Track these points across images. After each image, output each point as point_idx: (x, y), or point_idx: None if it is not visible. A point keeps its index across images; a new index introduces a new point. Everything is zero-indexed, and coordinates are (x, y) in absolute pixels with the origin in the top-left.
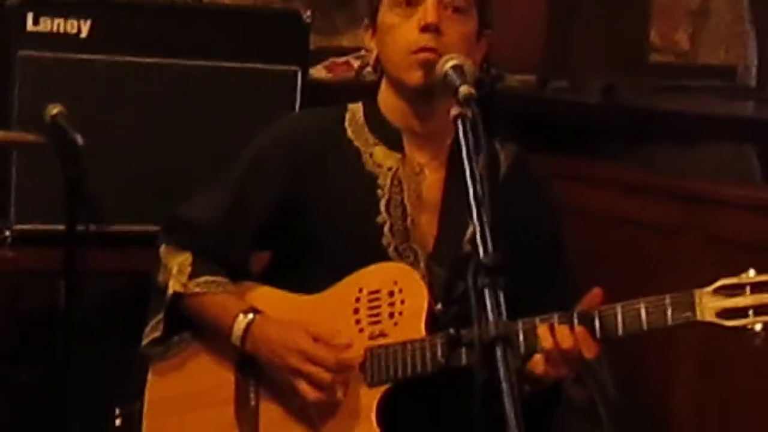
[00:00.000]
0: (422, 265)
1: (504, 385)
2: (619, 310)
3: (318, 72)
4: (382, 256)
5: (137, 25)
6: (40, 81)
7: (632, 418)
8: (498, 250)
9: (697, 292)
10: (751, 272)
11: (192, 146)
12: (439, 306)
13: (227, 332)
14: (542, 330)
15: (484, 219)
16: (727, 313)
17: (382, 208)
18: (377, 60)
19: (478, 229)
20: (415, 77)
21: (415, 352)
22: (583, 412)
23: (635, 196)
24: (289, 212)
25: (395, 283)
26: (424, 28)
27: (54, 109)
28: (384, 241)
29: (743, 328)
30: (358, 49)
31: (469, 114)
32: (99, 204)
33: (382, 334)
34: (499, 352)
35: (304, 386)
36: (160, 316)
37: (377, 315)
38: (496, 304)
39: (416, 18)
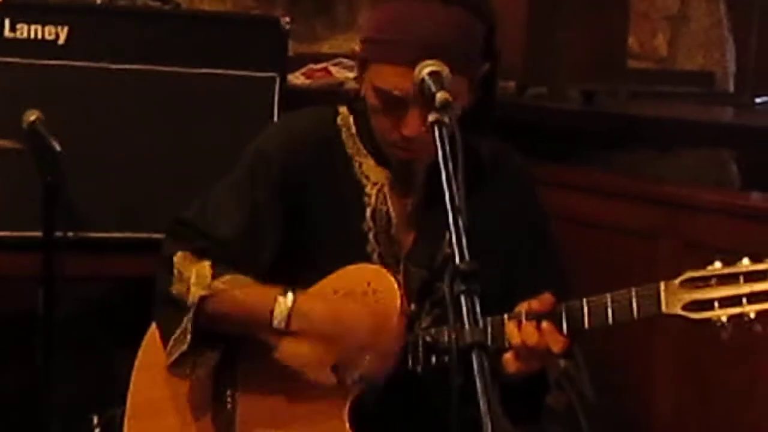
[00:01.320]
0: (398, 268)
1: (480, 391)
2: (585, 303)
3: (296, 78)
4: (366, 262)
5: (115, 32)
6: (17, 87)
7: (612, 422)
8: (476, 253)
9: (663, 285)
10: (717, 264)
11: (170, 152)
12: (413, 306)
13: (265, 318)
14: (510, 327)
15: (461, 226)
16: (693, 306)
17: (368, 216)
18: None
19: (454, 235)
20: (396, 156)
21: None
22: (562, 419)
23: (613, 202)
24: (297, 216)
25: (368, 284)
26: (403, 137)
27: (31, 116)
28: (368, 248)
29: (709, 320)
30: (337, 56)
31: (446, 120)
32: (76, 210)
33: None
34: (475, 358)
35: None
36: (183, 326)
37: None
38: (472, 310)
39: (396, 118)
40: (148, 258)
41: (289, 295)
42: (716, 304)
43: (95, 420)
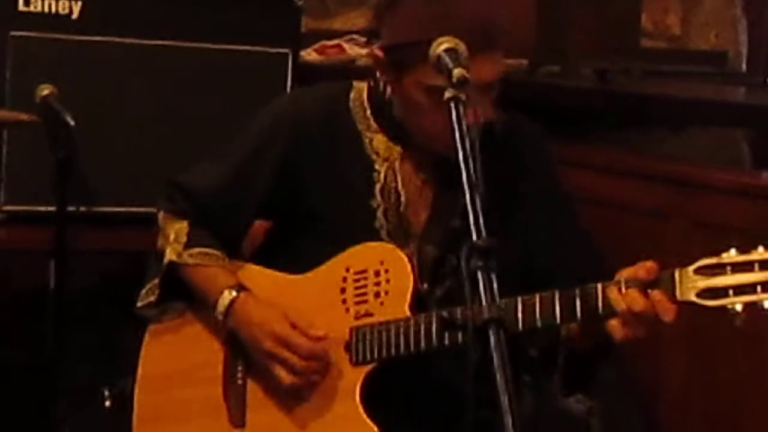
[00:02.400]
0: (412, 245)
1: (497, 367)
2: (599, 287)
3: (309, 54)
4: (373, 238)
5: (128, 7)
6: (31, 61)
7: (620, 395)
8: (493, 226)
9: (678, 272)
10: (732, 252)
11: (183, 127)
12: (425, 286)
13: (212, 306)
14: (613, 293)
15: (477, 202)
16: (707, 293)
17: (377, 192)
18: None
19: (471, 212)
20: (434, 150)
21: (399, 331)
22: (580, 426)
23: (625, 181)
24: (288, 189)
25: (381, 263)
26: None
27: (45, 90)
28: (377, 224)
29: (723, 308)
30: (350, 32)
31: (463, 97)
32: (89, 184)
33: (368, 314)
34: (492, 335)
35: (278, 370)
36: (156, 281)
37: (364, 295)
38: (489, 287)
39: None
40: None
41: (234, 292)
42: (731, 291)
43: (106, 393)
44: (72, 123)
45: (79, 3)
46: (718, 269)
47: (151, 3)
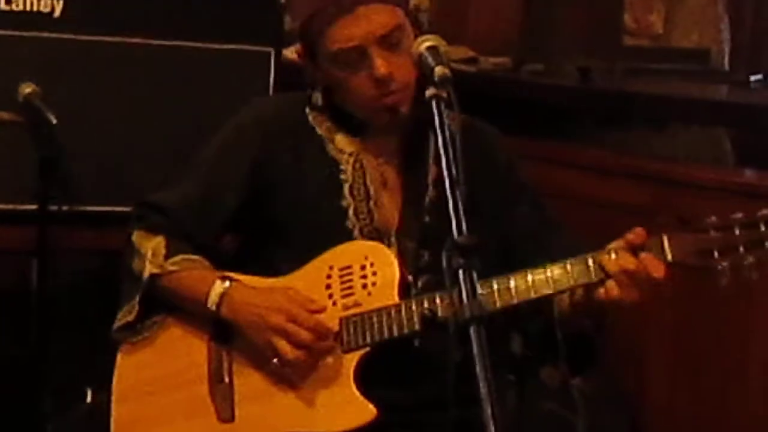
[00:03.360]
0: (390, 242)
1: (478, 365)
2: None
3: (292, 53)
4: (347, 238)
5: (110, 5)
6: (13, 60)
7: (606, 399)
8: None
9: (666, 236)
10: (713, 218)
11: (166, 126)
12: (410, 278)
13: (203, 299)
14: (605, 258)
15: (459, 201)
16: (693, 256)
17: (346, 192)
18: (324, 88)
19: (452, 210)
20: (383, 119)
21: (391, 315)
22: (557, 395)
23: (609, 178)
24: (260, 195)
25: (366, 257)
26: (379, 81)
27: (27, 89)
28: (348, 224)
29: (708, 266)
30: None
31: (444, 95)
32: (72, 183)
33: (357, 304)
34: (473, 334)
35: (283, 344)
36: (134, 300)
37: (350, 288)
38: (471, 285)
39: (365, 71)
40: None
41: (227, 282)
42: (715, 252)
43: (89, 393)
44: (54, 121)
45: (61, 1)
46: (703, 233)
47: (133, 1)
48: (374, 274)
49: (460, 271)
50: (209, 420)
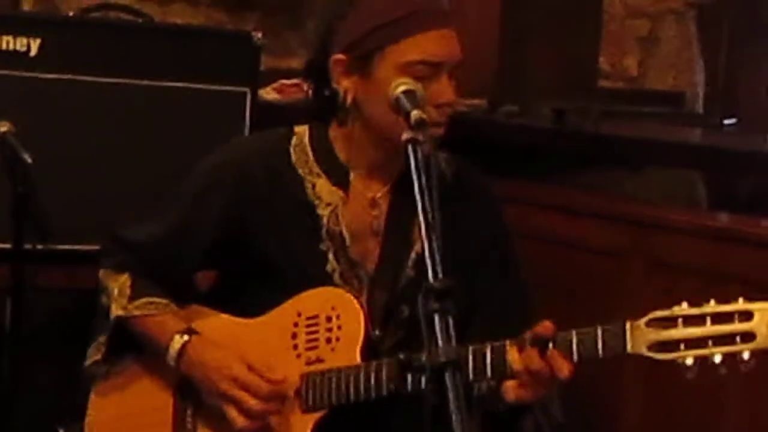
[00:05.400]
0: (364, 288)
1: (453, 410)
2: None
3: (267, 93)
4: (327, 282)
5: (87, 44)
6: None
7: None
8: (448, 272)
9: (629, 324)
10: (684, 305)
11: (141, 166)
12: (377, 332)
13: (164, 352)
14: (512, 353)
15: (435, 244)
16: (658, 347)
17: (324, 235)
18: (353, 102)
19: (428, 254)
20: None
21: (349, 378)
22: None
23: (582, 220)
24: (234, 236)
25: (333, 308)
26: (439, 106)
27: (2, 127)
28: (329, 268)
29: (674, 361)
30: None
31: (421, 138)
32: (46, 222)
33: (319, 360)
34: (448, 377)
35: (233, 413)
36: (102, 338)
37: (315, 340)
38: (446, 329)
39: (429, 91)
40: None
41: (185, 336)
42: (682, 345)
43: (60, 431)
44: (29, 160)
45: (38, 40)
46: (670, 322)
47: (110, 41)
48: (339, 328)
49: (436, 316)
50: None
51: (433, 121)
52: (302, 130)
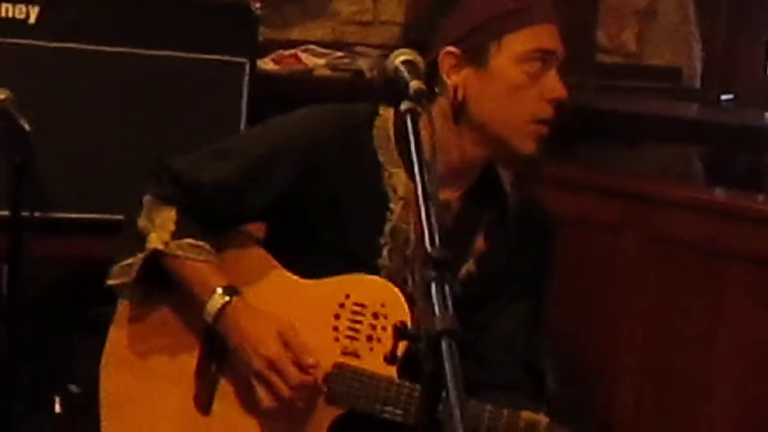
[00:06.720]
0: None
1: (449, 378)
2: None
3: (266, 64)
4: (372, 273)
5: (86, 13)
6: None
7: (573, 411)
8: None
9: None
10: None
11: (139, 135)
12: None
13: (200, 305)
14: None
15: (432, 213)
16: None
17: (387, 230)
18: (462, 98)
19: (425, 223)
20: (528, 147)
21: (377, 392)
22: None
23: (579, 194)
24: (299, 197)
25: (383, 305)
26: (552, 102)
27: (1, 95)
28: (380, 262)
29: None
30: (307, 42)
31: (419, 109)
32: (44, 190)
33: (355, 354)
34: (444, 346)
35: (262, 392)
36: (133, 260)
37: (356, 331)
38: (443, 298)
39: (540, 85)
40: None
41: (226, 297)
42: None
43: (57, 401)
44: (28, 128)
45: (36, 8)
46: None
47: (109, 9)
48: (383, 329)
49: (432, 284)
50: (187, 399)
51: (547, 117)
52: (388, 113)
